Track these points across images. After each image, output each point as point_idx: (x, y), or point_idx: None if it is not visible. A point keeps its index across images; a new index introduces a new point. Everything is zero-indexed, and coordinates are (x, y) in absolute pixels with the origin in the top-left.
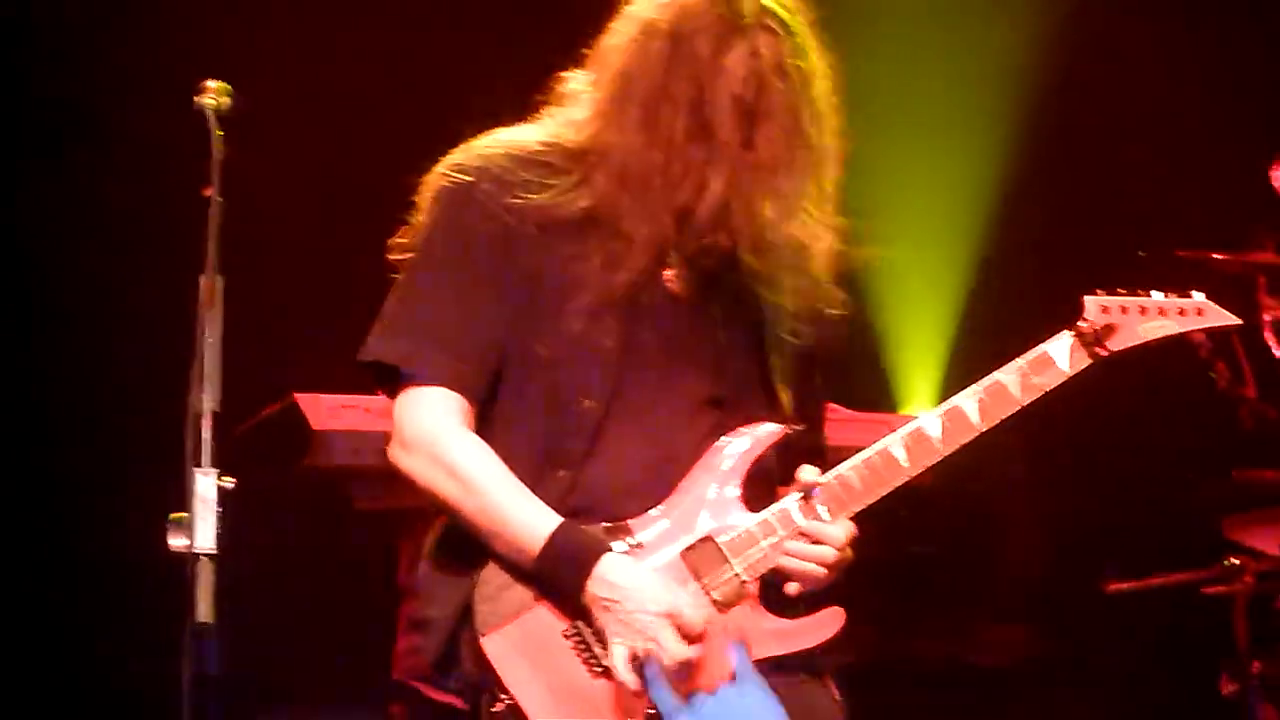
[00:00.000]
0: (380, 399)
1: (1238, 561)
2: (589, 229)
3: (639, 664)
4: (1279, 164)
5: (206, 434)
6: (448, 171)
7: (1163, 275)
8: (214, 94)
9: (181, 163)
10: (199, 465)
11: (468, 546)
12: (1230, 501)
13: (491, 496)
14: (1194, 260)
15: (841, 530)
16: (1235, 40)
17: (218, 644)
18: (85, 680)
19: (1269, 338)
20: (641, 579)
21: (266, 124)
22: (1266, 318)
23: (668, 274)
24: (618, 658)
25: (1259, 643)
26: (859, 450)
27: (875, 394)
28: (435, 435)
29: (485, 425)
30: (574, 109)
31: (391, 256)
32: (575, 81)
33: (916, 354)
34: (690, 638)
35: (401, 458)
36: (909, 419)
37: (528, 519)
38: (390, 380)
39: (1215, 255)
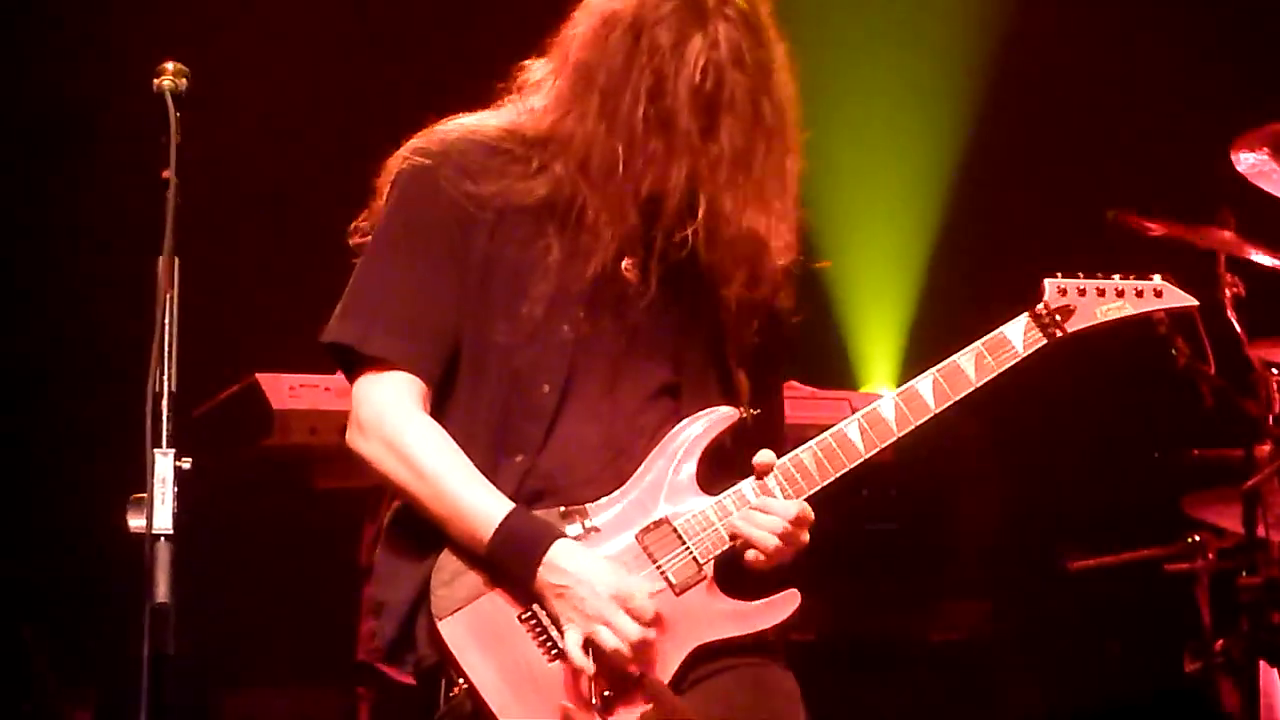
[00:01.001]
0: (341, 378)
1: (1199, 538)
2: (547, 216)
3: (592, 648)
4: (1241, 144)
5: (165, 414)
6: (408, 155)
7: (1123, 243)
8: (172, 76)
9: (139, 144)
10: (158, 446)
11: (423, 529)
12: (1191, 478)
13: (444, 482)
14: (1155, 226)
15: (793, 506)
16: (1198, 17)
17: (176, 624)
18: (43, 660)
19: (1230, 314)
20: (592, 564)
21: (224, 105)
22: (1227, 294)
23: (626, 262)
24: (571, 642)
25: (1221, 620)
26: (820, 428)
27: (836, 372)
28: (390, 419)
29: (443, 408)
30: (534, 97)
31: (352, 240)
32: (536, 70)
33: (876, 331)
34: (643, 620)
35: (358, 441)
36: (870, 396)
37: (479, 505)
38: (349, 362)
39: (1183, 231)
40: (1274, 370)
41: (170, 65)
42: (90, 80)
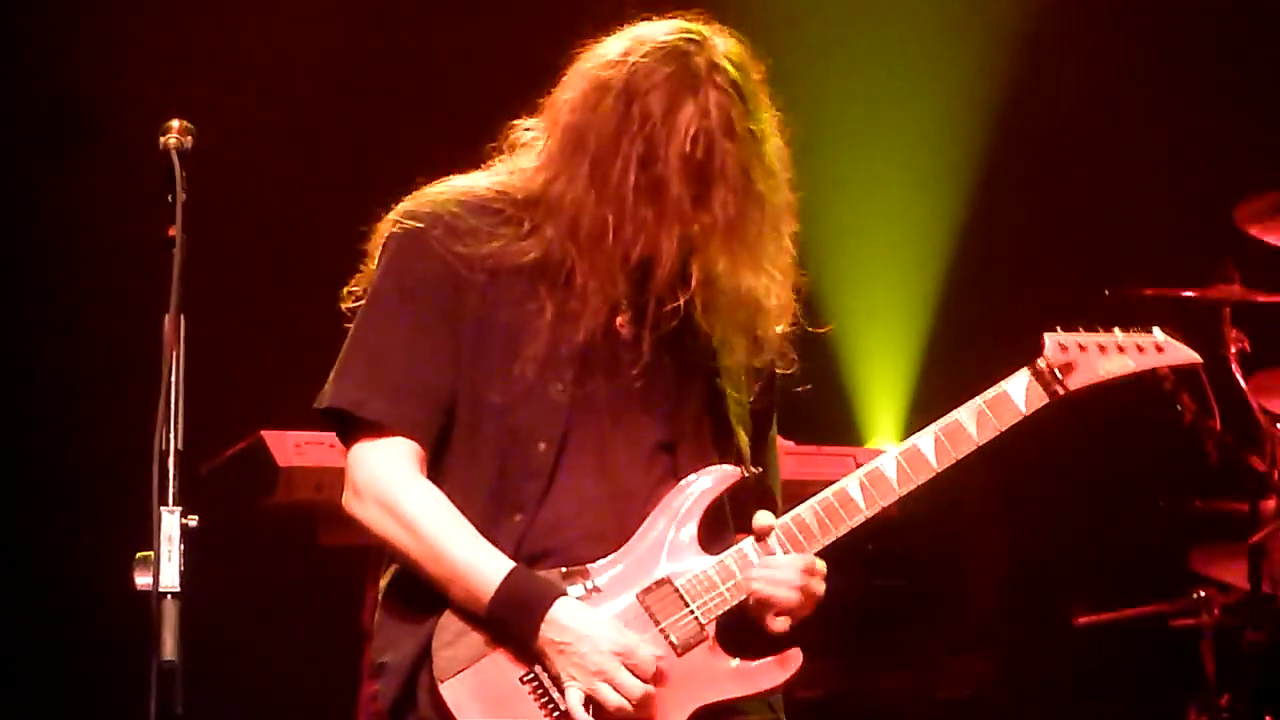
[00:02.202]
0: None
1: (1205, 594)
2: (539, 278)
3: (594, 706)
4: (1244, 206)
5: (172, 472)
6: (398, 219)
7: (1128, 312)
8: (178, 134)
9: (146, 202)
10: (164, 503)
11: (423, 590)
12: (1197, 534)
13: (442, 544)
14: (1159, 297)
15: (802, 559)
16: (1203, 75)
17: (184, 683)
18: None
19: (1234, 370)
20: (593, 622)
21: (231, 163)
22: (1232, 350)
23: (620, 320)
24: (573, 700)
25: (1226, 675)
26: (823, 484)
27: (840, 427)
28: (386, 483)
29: (439, 470)
30: (524, 157)
31: (345, 305)
32: (527, 130)
33: (880, 387)
34: (644, 676)
35: (354, 505)
36: (874, 453)
37: (479, 566)
38: (345, 427)
39: (1182, 293)
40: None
41: (176, 123)
42: (98, 131)
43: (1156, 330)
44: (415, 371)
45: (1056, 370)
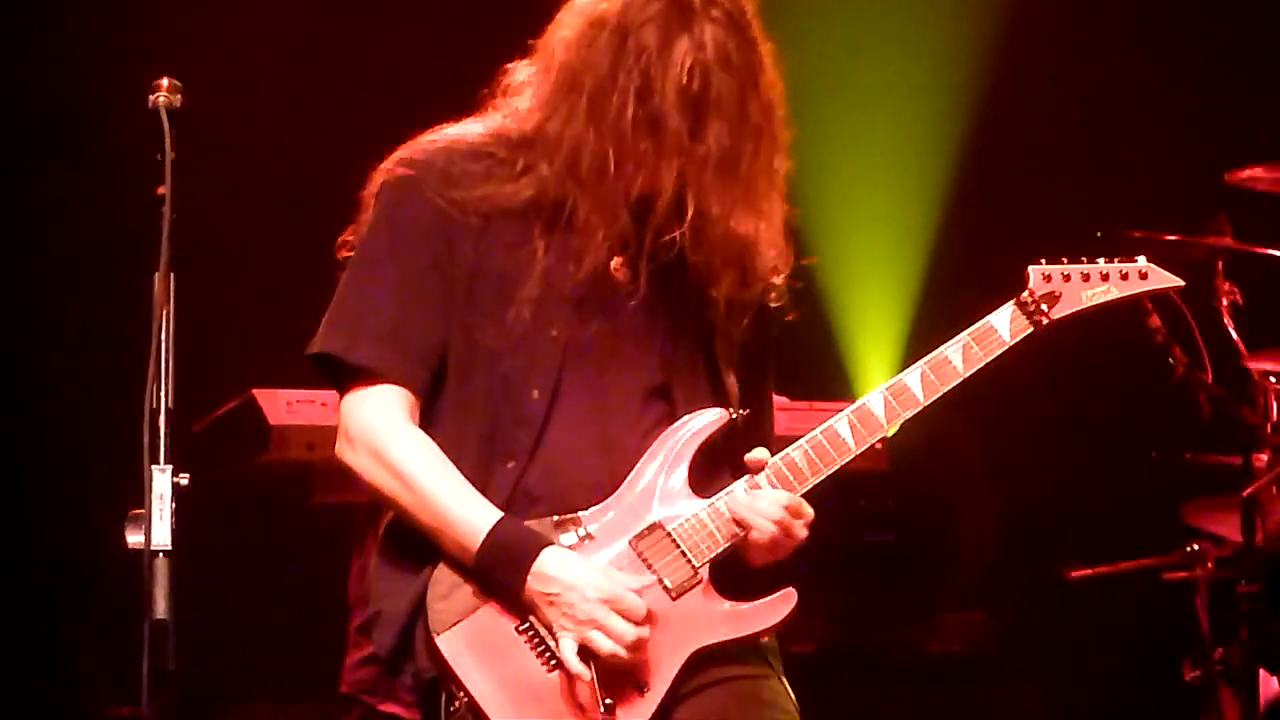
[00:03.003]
0: (337, 394)
1: (1198, 547)
2: (534, 218)
3: (589, 654)
4: (1236, 173)
5: (163, 431)
6: (390, 167)
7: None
8: (167, 92)
9: (135, 161)
10: (155, 462)
11: (418, 541)
12: (1189, 487)
13: (432, 493)
14: (1150, 241)
15: (785, 495)
16: (1199, 26)
17: (175, 640)
18: (44, 677)
19: (1226, 323)
20: (580, 570)
21: (220, 120)
22: (1224, 302)
23: (615, 262)
24: (566, 650)
25: (1220, 629)
26: None
27: (832, 383)
28: (377, 431)
29: (432, 418)
30: (518, 99)
31: (339, 254)
32: (520, 71)
33: (872, 343)
34: (635, 619)
35: (347, 454)
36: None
37: (467, 515)
38: (336, 374)
39: (1171, 237)
40: (1272, 379)
41: (165, 81)
42: (86, 92)
43: (1140, 258)
44: (406, 318)
45: (1041, 301)
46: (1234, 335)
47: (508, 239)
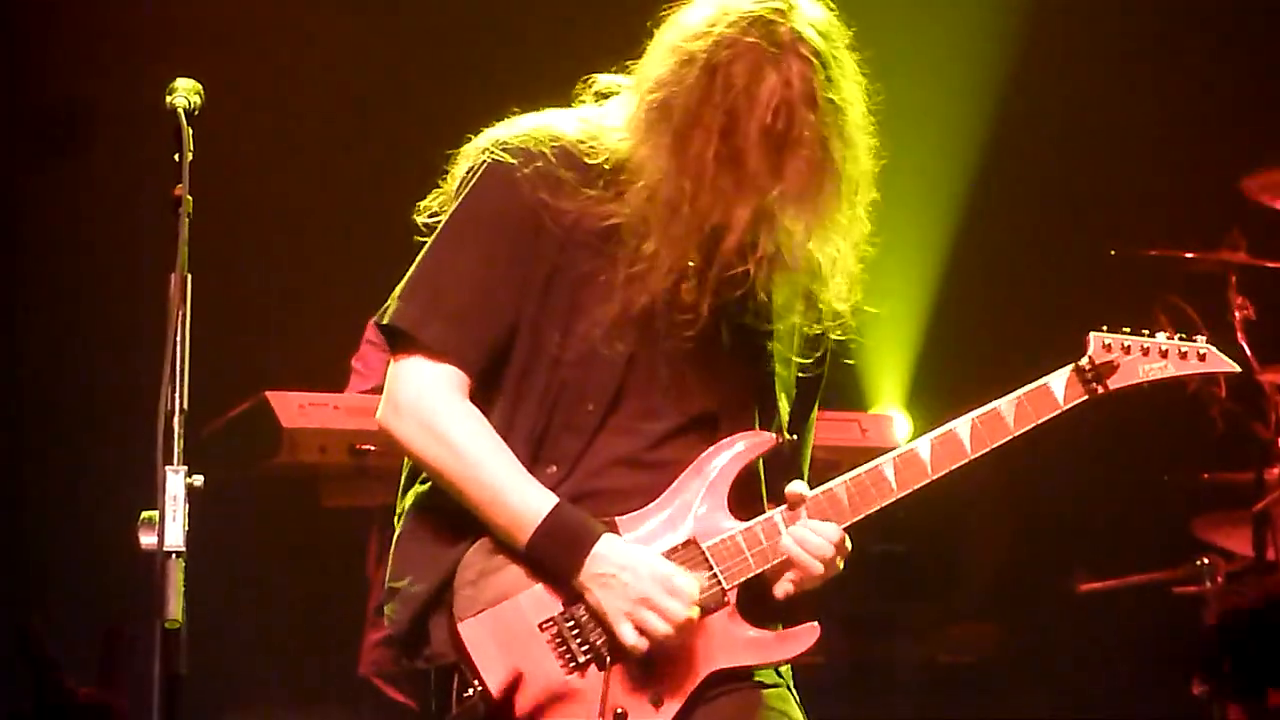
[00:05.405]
0: (350, 397)
1: (1208, 561)
2: (614, 242)
3: (620, 652)
4: (1252, 179)
5: (176, 431)
6: (490, 147)
7: (1132, 274)
8: (184, 93)
9: (153, 162)
10: (169, 463)
11: (446, 523)
12: (1201, 501)
13: (487, 469)
14: (1164, 258)
15: (837, 531)
16: (1211, 44)
17: (187, 642)
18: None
19: (1239, 337)
20: (635, 552)
21: (238, 123)
22: (1237, 316)
23: (684, 287)
24: (626, 632)
25: (1229, 642)
26: (828, 448)
27: (844, 392)
28: (431, 402)
29: (485, 405)
30: (612, 117)
31: (419, 218)
32: (612, 86)
33: (885, 352)
34: (685, 599)
35: (392, 420)
36: (878, 417)
37: (526, 496)
38: (397, 340)
39: (1185, 254)
40: None
41: (182, 82)
42: (106, 93)
43: (1200, 338)
44: (480, 305)
45: (1100, 370)
46: (1247, 349)
47: (587, 255)
